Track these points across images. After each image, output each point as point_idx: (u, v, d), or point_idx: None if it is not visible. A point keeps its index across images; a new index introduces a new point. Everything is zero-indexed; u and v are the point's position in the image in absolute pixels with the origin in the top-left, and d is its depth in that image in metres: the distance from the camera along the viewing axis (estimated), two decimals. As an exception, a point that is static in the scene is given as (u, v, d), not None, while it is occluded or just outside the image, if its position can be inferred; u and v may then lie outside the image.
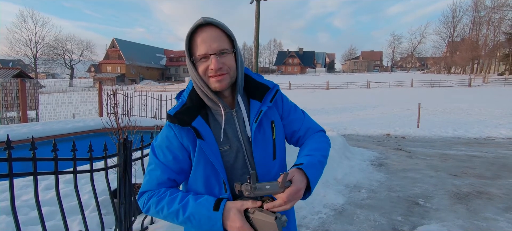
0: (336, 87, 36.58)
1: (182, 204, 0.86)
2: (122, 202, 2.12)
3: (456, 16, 53.09)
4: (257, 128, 0.95)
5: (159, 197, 0.89)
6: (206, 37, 0.87)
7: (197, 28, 0.88)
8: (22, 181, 3.42)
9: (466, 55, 44.69)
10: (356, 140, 8.79)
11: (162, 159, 0.93)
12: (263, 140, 0.96)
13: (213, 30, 0.88)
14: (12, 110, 11.38)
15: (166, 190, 0.91)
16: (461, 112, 15.20)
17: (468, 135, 9.24)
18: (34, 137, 1.61)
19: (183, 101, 0.95)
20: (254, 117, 0.94)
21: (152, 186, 0.92)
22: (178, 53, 72.13)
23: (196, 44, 0.88)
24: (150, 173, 0.94)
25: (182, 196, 0.89)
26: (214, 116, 0.96)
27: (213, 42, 0.87)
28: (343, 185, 4.44)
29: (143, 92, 12.56)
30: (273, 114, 1.01)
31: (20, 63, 51.58)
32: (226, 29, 0.90)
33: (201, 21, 0.87)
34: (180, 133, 0.91)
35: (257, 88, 1.00)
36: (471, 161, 5.95)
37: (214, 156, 0.89)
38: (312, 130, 1.09)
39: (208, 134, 0.91)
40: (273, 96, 1.00)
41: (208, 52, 0.87)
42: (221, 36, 0.88)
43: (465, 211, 3.54)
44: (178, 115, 0.91)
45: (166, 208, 0.87)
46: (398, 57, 79.87)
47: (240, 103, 0.95)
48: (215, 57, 0.87)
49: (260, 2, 8.83)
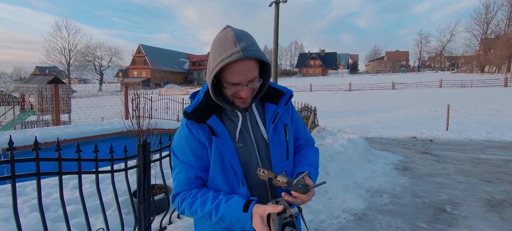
0: (359, 89, 35.62)
1: (214, 205, 0.92)
2: (141, 202, 2.20)
3: (489, 12, 49.85)
4: (274, 130, 1.01)
5: (192, 199, 0.95)
6: (242, 70, 0.88)
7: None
8: (53, 180, 3.64)
9: (501, 53, 41.78)
10: (379, 142, 8.49)
11: (184, 160, 0.98)
12: (278, 142, 1.02)
13: (249, 62, 0.88)
14: (47, 114, 12.18)
15: (197, 191, 0.97)
16: (496, 114, 14.23)
17: (504, 138, 8.64)
18: (66, 139, 1.71)
19: (199, 100, 0.99)
20: (271, 118, 1.00)
21: (182, 187, 0.98)
22: (201, 58, 73.70)
23: (231, 72, 0.88)
24: (177, 176, 1.00)
25: (213, 197, 0.94)
26: (229, 116, 1.00)
27: (248, 73, 0.89)
28: (364, 189, 4.30)
29: (166, 95, 12.96)
30: (286, 118, 1.07)
31: (55, 70, 55.21)
32: (263, 58, 0.90)
33: (241, 56, 0.85)
34: (197, 130, 0.95)
35: (272, 92, 1.05)
36: (507, 166, 5.54)
37: (229, 153, 0.94)
38: (310, 141, 1.22)
39: (223, 132, 0.96)
40: (288, 100, 1.06)
41: (241, 82, 0.90)
42: (254, 67, 0.90)
43: (498, 219, 3.29)
44: (194, 113, 0.95)
45: (200, 210, 0.93)
46: (426, 57, 76.31)
47: (253, 107, 1.02)
48: (247, 88, 0.91)
49: (279, 5, 8.82)
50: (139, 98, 9.35)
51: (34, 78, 14.76)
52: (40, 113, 12.18)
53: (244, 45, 0.86)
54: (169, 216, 2.64)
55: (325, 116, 16.14)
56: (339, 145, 5.53)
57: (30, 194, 3.29)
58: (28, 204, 2.89)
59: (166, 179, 2.67)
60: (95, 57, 58.67)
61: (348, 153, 5.35)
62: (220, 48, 0.88)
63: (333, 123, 13.42)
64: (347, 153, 5.34)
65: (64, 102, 12.39)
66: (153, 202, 2.35)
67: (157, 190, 2.96)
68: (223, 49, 0.87)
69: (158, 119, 10.41)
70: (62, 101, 12.18)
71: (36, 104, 12.39)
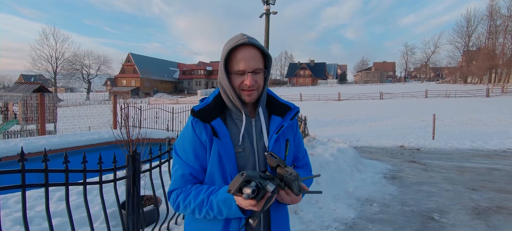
0: (348, 99, 36.18)
1: (207, 193, 0.95)
2: (130, 213, 2.15)
3: (470, 25, 51.92)
4: (276, 141, 1.04)
5: (186, 193, 0.99)
6: (246, 56, 0.97)
7: (240, 45, 0.97)
8: (36, 192, 3.52)
9: (482, 64, 43.42)
10: (368, 152, 8.61)
11: (183, 157, 1.02)
12: (277, 153, 1.04)
13: (253, 50, 0.98)
14: (32, 123, 11.82)
15: (192, 186, 1.00)
16: (479, 123, 14.68)
17: (487, 146, 8.89)
18: (51, 149, 1.67)
19: (207, 102, 1.05)
20: (275, 129, 1.05)
21: (178, 184, 1.02)
22: (191, 67, 73.53)
23: (236, 58, 0.97)
24: (175, 173, 1.04)
25: (207, 188, 0.97)
26: (234, 120, 1.04)
27: (251, 61, 0.97)
28: (354, 199, 4.34)
29: (156, 105, 12.82)
30: (289, 134, 1.11)
31: (41, 78, 53.85)
32: (265, 50, 1.00)
33: (245, 41, 0.96)
34: (200, 129, 0.99)
35: (279, 106, 1.11)
36: (491, 174, 5.70)
37: (227, 155, 0.98)
38: (308, 167, 1.23)
39: (225, 135, 0.99)
40: (294, 115, 1.11)
41: (246, 69, 0.97)
42: (258, 56, 0.99)
43: (484, 227, 3.37)
44: (201, 112, 1.01)
45: (193, 201, 0.96)
46: (412, 68, 78.42)
47: (260, 115, 1.06)
48: (251, 75, 0.97)
49: (269, 16, 8.96)
50: (128, 108, 9.23)
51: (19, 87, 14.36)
52: (24, 123, 11.81)
53: (249, 37, 0.98)
54: (158, 228, 2.59)
55: (315, 125, 16.28)
56: (329, 154, 5.58)
57: (12, 206, 3.17)
58: (10, 217, 2.79)
59: (156, 190, 2.62)
60: (83, 65, 57.72)
61: (338, 162, 5.40)
62: (229, 42, 0.99)
63: (323, 132, 13.54)
64: (337, 162, 5.39)
65: (50, 112, 12.06)
66: (142, 214, 2.31)
67: (147, 201, 2.90)
68: (231, 41, 0.98)
69: (148, 128, 10.26)
70: (48, 110, 11.86)
71: (20, 113, 12.02)
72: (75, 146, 6.75)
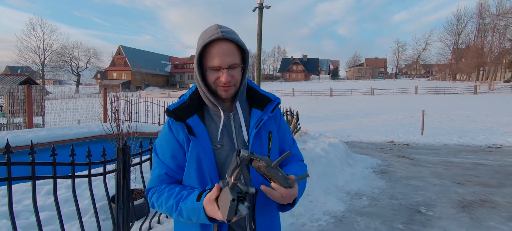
0: (340, 94, 36.49)
1: (176, 200, 0.91)
2: (120, 207, 2.14)
3: (460, 23, 52.91)
4: (256, 135, 1.00)
5: (159, 193, 0.96)
6: (221, 51, 0.90)
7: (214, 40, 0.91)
8: (24, 186, 3.46)
9: (471, 62, 44.35)
10: (359, 147, 8.73)
11: (161, 156, 1.00)
12: (260, 148, 1.00)
13: (228, 44, 0.91)
14: (19, 116, 11.55)
15: (166, 186, 0.97)
16: (466, 120, 15.03)
17: (473, 142, 9.13)
18: (39, 143, 1.64)
19: (183, 99, 1.01)
20: (255, 124, 0.99)
21: (153, 183, 1.00)
22: (183, 60, 72.74)
23: (210, 54, 0.91)
24: (153, 171, 1.02)
25: (177, 192, 0.93)
26: (212, 116, 1.01)
27: (226, 57, 0.91)
28: (344, 192, 4.40)
29: (147, 98, 12.67)
30: (271, 125, 1.06)
31: (28, 70, 52.46)
32: (241, 44, 0.94)
33: (219, 35, 0.89)
34: (176, 128, 0.97)
35: (260, 99, 1.06)
36: (476, 169, 5.86)
37: (204, 152, 0.94)
38: (298, 157, 1.16)
39: (202, 132, 0.96)
40: (274, 107, 1.06)
41: (221, 66, 0.91)
42: (234, 51, 0.93)
43: (468, 219, 3.48)
44: (176, 111, 0.97)
45: (164, 204, 0.93)
46: (403, 64, 79.53)
47: (238, 109, 1.02)
48: (227, 72, 0.91)
49: (262, 11, 8.91)
50: (118, 101, 9.10)
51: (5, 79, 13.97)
52: (11, 115, 11.52)
53: (224, 30, 0.91)
54: (148, 222, 2.59)
55: (307, 121, 16.39)
56: (320, 149, 5.64)
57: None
58: (-4, 211, 2.73)
59: (146, 183, 2.61)
60: (72, 57, 56.42)
61: (329, 157, 5.47)
62: (203, 35, 0.93)
63: (315, 127, 13.65)
64: (328, 157, 5.45)
65: (37, 104, 11.78)
66: (132, 207, 2.30)
67: (137, 195, 2.89)
68: (205, 35, 0.93)
69: (139, 122, 10.15)
70: (35, 103, 11.59)
71: (6, 106, 11.72)
72: (64, 139, 6.63)
